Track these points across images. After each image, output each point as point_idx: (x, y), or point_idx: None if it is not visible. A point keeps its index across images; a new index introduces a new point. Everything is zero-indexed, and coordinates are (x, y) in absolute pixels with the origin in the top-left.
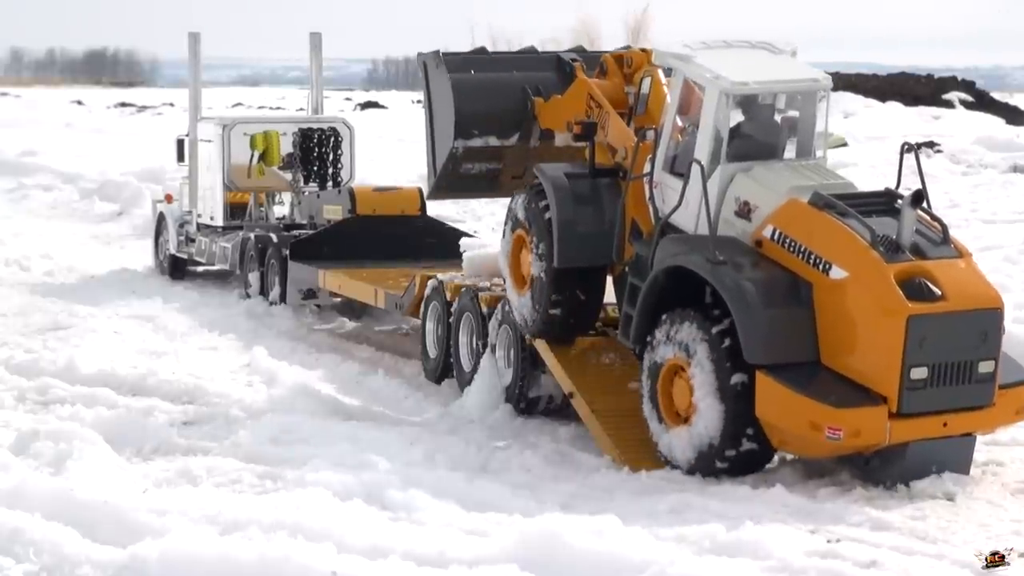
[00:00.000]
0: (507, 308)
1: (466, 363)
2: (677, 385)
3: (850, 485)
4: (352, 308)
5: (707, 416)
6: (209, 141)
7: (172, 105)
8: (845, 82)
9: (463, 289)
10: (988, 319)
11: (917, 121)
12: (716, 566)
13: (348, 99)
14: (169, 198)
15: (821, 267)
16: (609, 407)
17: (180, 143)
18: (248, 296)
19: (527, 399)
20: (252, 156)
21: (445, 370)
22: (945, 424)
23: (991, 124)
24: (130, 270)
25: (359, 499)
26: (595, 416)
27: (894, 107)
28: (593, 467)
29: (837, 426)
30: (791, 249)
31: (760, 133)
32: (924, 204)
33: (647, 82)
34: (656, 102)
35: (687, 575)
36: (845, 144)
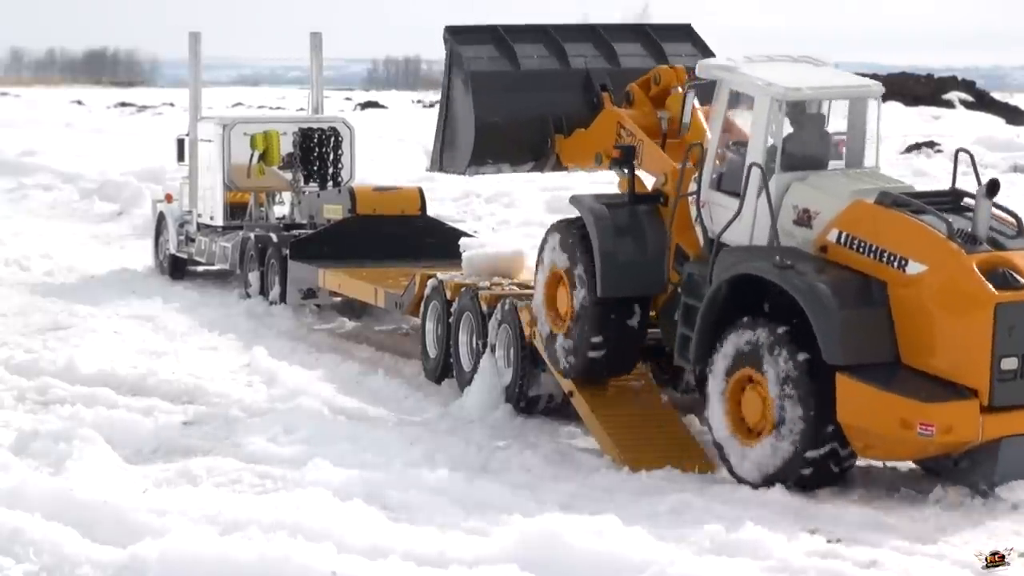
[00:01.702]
0: (507, 308)
1: (466, 363)
2: (748, 398)
3: (850, 485)
4: (352, 308)
5: (787, 425)
6: (209, 141)
7: (172, 105)
8: None
9: (463, 289)
10: None
11: (917, 121)
12: (716, 566)
13: (348, 99)
14: (169, 198)
15: (896, 263)
16: (609, 407)
17: (180, 143)
18: (248, 296)
19: (527, 399)
20: (252, 156)
21: (445, 370)
22: None
23: (991, 124)
24: (130, 270)
25: (359, 499)
26: (595, 416)
27: (894, 107)
28: (593, 467)
29: (929, 422)
30: (860, 250)
31: (810, 143)
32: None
33: (690, 98)
34: (695, 126)
35: (687, 575)
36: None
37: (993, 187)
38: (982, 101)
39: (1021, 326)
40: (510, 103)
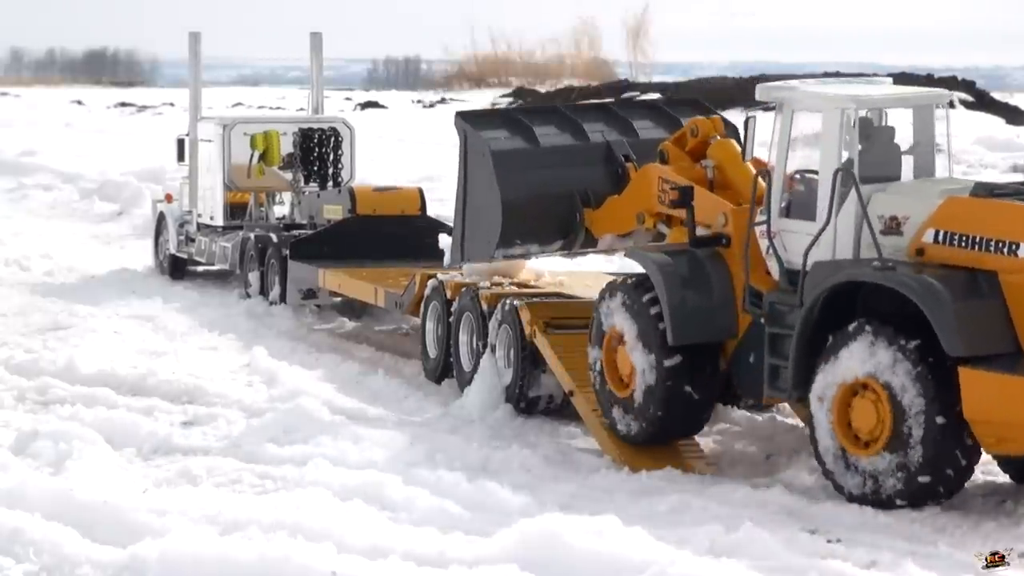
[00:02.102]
0: (507, 308)
1: (466, 363)
2: (859, 407)
3: None
4: (352, 308)
5: (908, 429)
6: (209, 141)
7: (172, 105)
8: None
9: (463, 288)
10: None
11: None
12: (716, 566)
13: (348, 99)
14: (169, 198)
15: (1007, 250)
16: None
17: (180, 143)
18: (248, 296)
19: (527, 399)
20: (252, 156)
21: (445, 370)
22: None
23: (991, 124)
24: (130, 270)
25: (359, 499)
26: (595, 416)
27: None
28: (593, 467)
29: None
30: (963, 244)
31: (882, 156)
32: None
33: (753, 123)
34: (737, 174)
35: (687, 575)
36: None
37: None
38: (982, 101)
39: None
40: (534, 181)
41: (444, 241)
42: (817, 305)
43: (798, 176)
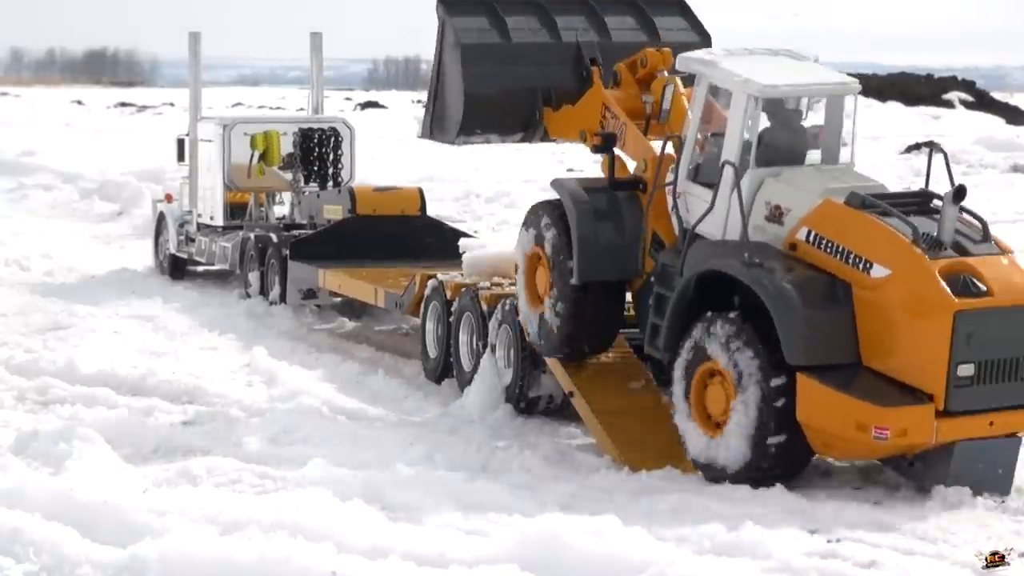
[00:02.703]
0: (507, 308)
1: (466, 363)
2: (712, 391)
3: (850, 485)
4: (352, 308)
5: (745, 422)
6: (209, 141)
7: (172, 105)
8: None
9: (463, 289)
10: None
11: (917, 121)
12: (716, 566)
13: (348, 99)
14: (169, 198)
15: (861, 266)
16: (609, 407)
17: (180, 143)
18: (248, 296)
19: (527, 399)
20: (252, 156)
21: (445, 370)
22: (991, 423)
23: (991, 124)
24: (130, 270)
25: (359, 499)
26: (595, 416)
27: (894, 107)
28: (593, 467)
29: (884, 426)
30: (828, 250)
31: (786, 139)
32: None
33: (669, 90)
34: (678, 112)
35: (687, 575)
36: (845, 144)
37: (960, 193)
38: (982, 101)
39: (979, 334)
40: (500, 75)
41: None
42: (691, 284)
43: (711, 137)
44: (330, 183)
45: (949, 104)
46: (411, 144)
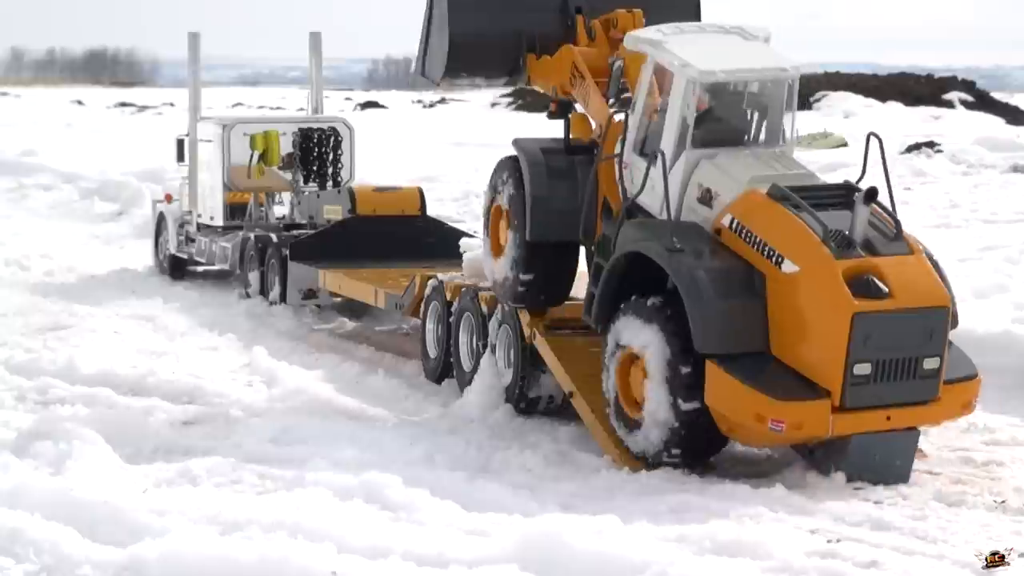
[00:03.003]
0: (507, 308)
1: (466, 363)
2: (633, 373)
3: (850, 485)
4: (352, 308)
5: (658, 406)
6: (209, 141)
7: (172, 105)
8: (845, 82)
9: (463, 289)
10: (934, 317)
11: (917, 121)
12: (716, 566)
13: (348, 99)
14: (169, 198)
15: (774, 260)
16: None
17: (180, 143)
18: (248, 296)
19: (527, 399)
20: (252, 156)
21: (445, 370)
22: (889, 418)
23: (991, 124)
24: (130, 270)
25: (359, 499)
26: (595, 416)
27: (894, 107)
28: (593, 467)
29: (780, 418)
30: (747, 240)
31: (728, 120)
32: (878, 199)
33: (617, 67)
34: (635, 74)
35: (687, 575)
36: (845, 144)
37: (871, 194)
38: (982, 101)
39: (876, 334)
40: (484, 19)
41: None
42: (620, 263)
43: (658, 112)
44: (330, 183)
45: (949, 104)
46: (411, 144)
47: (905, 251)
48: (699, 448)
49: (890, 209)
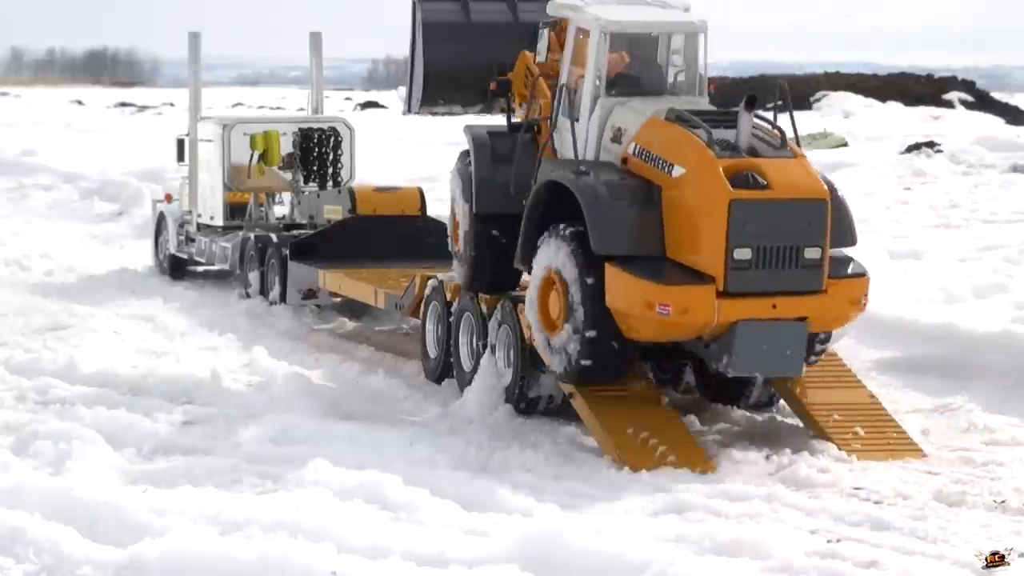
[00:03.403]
0: (507, 308)
1: (466, 363)
2: (552, 296)
3: (850, 485)
4: (352, 308)
5: (568, 324)
6: (209, 141)
7: (172, 105)
8: (845, 82)
9: (463, 289)
10: (813, 209)
11: (917, 121)
12: (716, 566)
13: (348, 99)
14: (169, 198)
15: (666, 169)
16: (609, 407)
17: (180, 143)
18: (248, 296)
19: (527, 399)
20: (252, 156)
21: (445, 370)
22: (775, 306)
23: (991, 124)
24: (130, 270)
25: (359, 499)
26: (595, 416)
27: (894, 107)
28: (593, 467)
29: (666, 302)
30: (647, 160)
31: (643, 72)
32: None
33: (543, 36)
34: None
35: (687, 575)
36: (845, 144)
37: (751, 101)
38: (982, 101)
39: (755, 221)
40: (460, 51)
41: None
42: (538, 196)
43: (580, 78)
44: (330, 183)
45: (949, 104)
46: (411, 144)
47: (788, 156)
48: (608, 358)
49: (779, 127)
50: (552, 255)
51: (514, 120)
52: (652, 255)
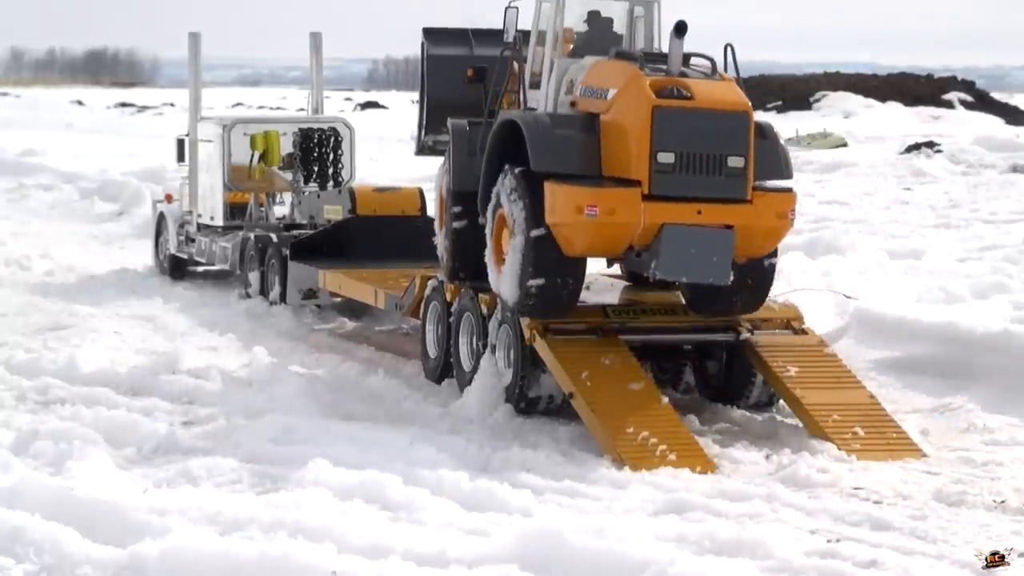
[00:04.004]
0: (507, 309)
1: (466, 363)
2: (504, 234)
3: (850, 484)
4: (352, 308)
5: (514, 263)
6: (209, 141)
7: (172, 105)
8: (845, 82)
9: (463, 289)
10: (735, 120)
11: (917, 121)
12: (716, 566)
13: (348, 99)
14: (169, 198)
15: (603, 95)
16: (609, 407)
17: (180, 143)
18: (248, 296)
19: (527, 399)
20: (252, 156)
21: (445, 370)
22: (699, 212)
23: (991, 124)
24: (130, 270)
25: (359, 499)
26: (595, 416)
27: (894, 107)
28: (593, 467)
29: (593, 203)
30: (589, 95)
31: (601, 39)
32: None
33: (512, 12)
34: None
35: (687, 575)
36: (845, 144)
37: (680, 28)
38: (982, 101)
39: (677, 128)
40: (461, 82)
41: None
42: (493, 140)
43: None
44: (330, 183)
45: (949, 104)
46: (411, 144)
47: (716, 78)
48: (547, 303)
49: (711, 57)
50: (504, 199)
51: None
52: (589, 174)
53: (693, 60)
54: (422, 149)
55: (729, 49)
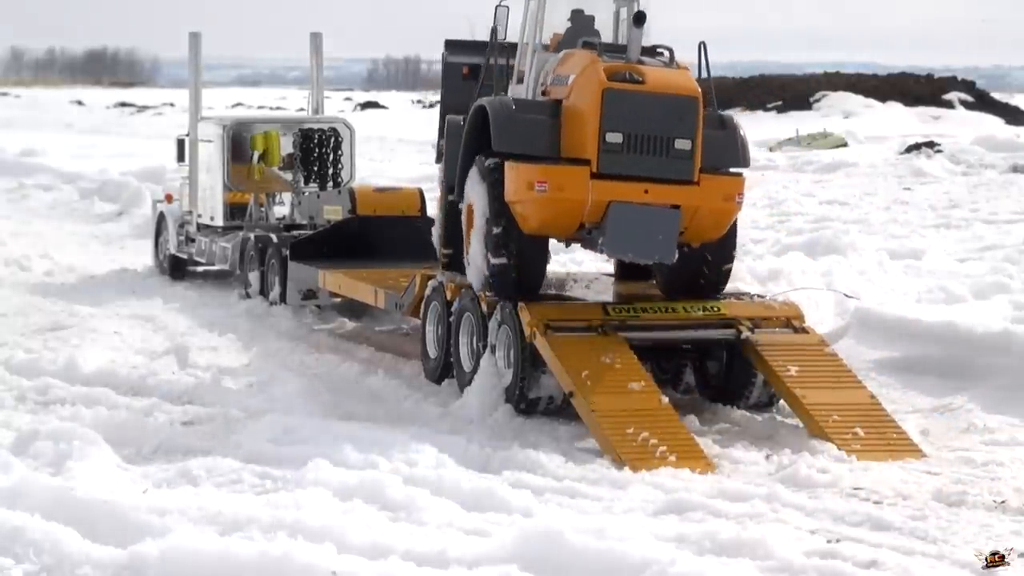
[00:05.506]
0: (507, 309)
1: (466, 363)
2: (472, 220)
3: (850, 484)
4: (352, 308)
5: (475, 248)
6: (209, 141)
7: (172, 105)
8: (845, 82)
9: (463, 289)
10: (684, 104)
11: (917, 121)
12: (716, 566)
13: (348, 99)
14: (169, 198)
15: (565, 82)
16: (609, 407)
17: (180, 143)
18: (248, 296)
19: (527, 399)
20: (252, 157)
21: (445, 370)
22: (647, 191)
23: (991, 124)
24: (130, 270)
25: (359, 499)
26: (595, 416)
27: (894, 107)
28: (593, 467)
29: (543, 180)
30: (557, 83)
31: (582, 36)
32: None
33: (502, 10)
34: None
35: (687, 575)
36: (845, 144)
37: (638, 18)
38: (982, 101)
39: (626, 110)
40: (472, 87)
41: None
42: (467, 127)
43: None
44: (330, 183)
45: (949, 104)
46: (411, 144)
47: (672, 66)
48: (508, 285)
49: (669, 47)
50: (470, 186)
51: None
52: (548, 156)
53: (659, 52)
54: (441, 156)
55: (702, 47)
